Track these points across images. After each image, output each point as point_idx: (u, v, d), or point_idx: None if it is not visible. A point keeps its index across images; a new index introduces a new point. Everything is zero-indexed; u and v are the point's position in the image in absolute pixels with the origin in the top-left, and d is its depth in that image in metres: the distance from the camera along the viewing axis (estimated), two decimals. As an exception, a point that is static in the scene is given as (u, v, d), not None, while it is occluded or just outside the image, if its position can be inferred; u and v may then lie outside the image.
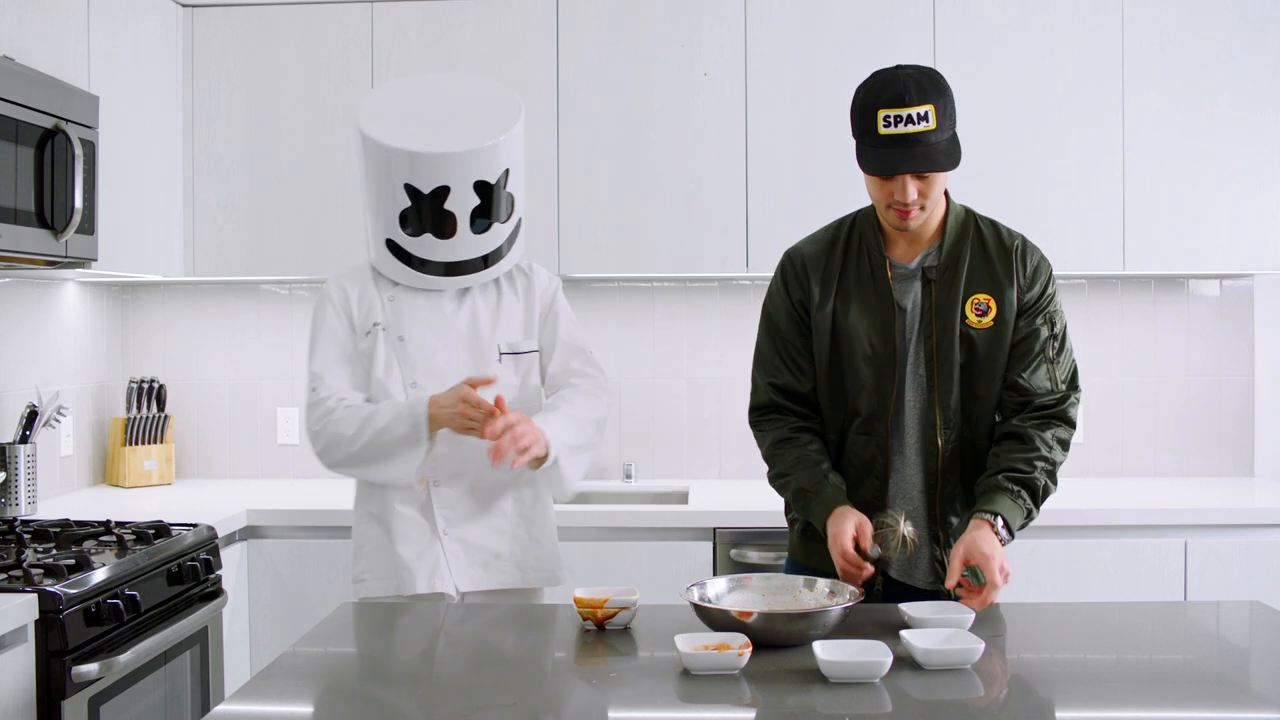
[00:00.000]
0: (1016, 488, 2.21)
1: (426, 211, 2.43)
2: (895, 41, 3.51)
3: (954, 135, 2.21)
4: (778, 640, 1.93)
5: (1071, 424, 2.30)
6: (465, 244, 2.46)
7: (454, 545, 2.49)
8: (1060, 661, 1.98)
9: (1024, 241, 2.35)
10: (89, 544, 2.75)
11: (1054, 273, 2.35)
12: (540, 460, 2.38)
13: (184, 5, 3.64)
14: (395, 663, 2.02)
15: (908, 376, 2.31)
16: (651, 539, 3.26)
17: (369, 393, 2.51)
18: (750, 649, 1.82)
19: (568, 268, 3.59)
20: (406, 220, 2.46)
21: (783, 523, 2.52)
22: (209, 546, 2.93)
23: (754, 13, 3.55)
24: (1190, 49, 3.48)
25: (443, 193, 2.41)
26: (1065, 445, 2.28)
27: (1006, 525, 2.17)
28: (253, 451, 4.00)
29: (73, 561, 2.48)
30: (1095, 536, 3.21)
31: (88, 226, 2.95)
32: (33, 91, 2.76)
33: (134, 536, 2.78)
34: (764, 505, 3.31)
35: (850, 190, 3.50)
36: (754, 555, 3.22)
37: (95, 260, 3.02)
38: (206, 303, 4.01)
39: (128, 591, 2.53)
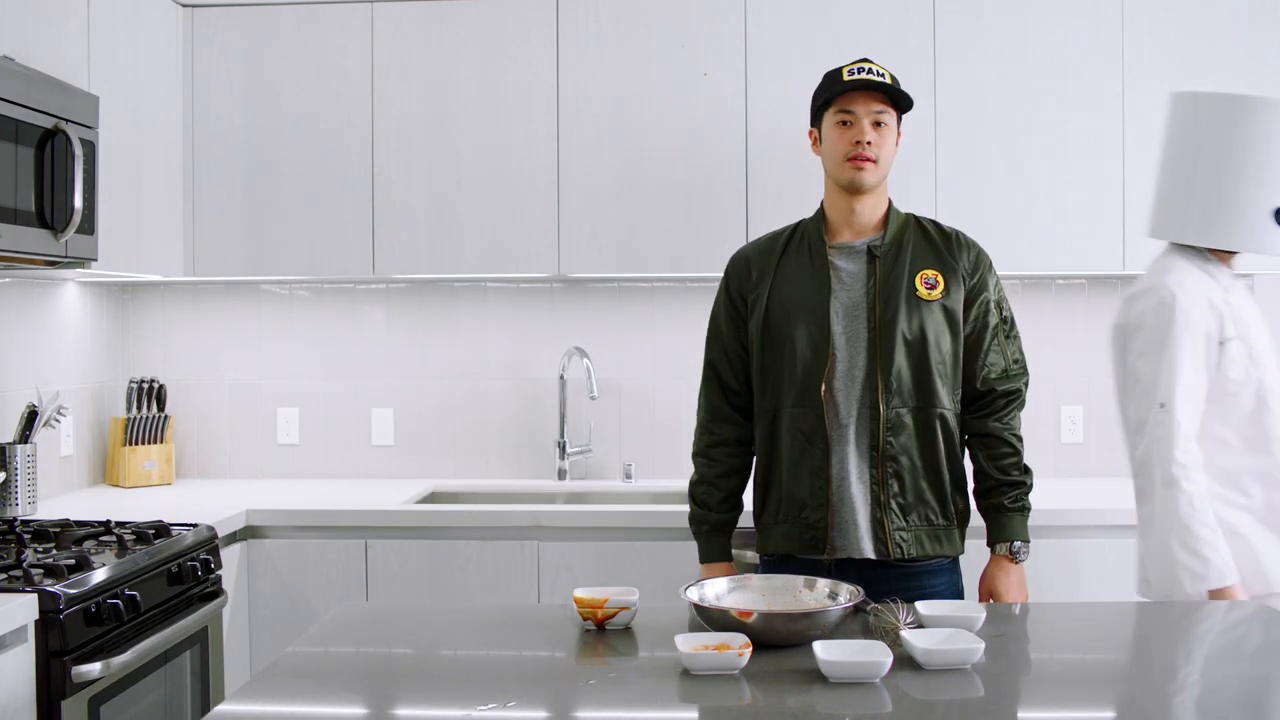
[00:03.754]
0: (1019, 504, 2.50)
1: None
2: (895, 41, 3.51)
3: (909, 105, 2.49)
4: (778, 640, 1.93)
5: (1023, 404, 2.57)
6: None
7: None
8: (1060, 661, 1.98)
9: (961, 232, 2.57)
10: (89, 544, 2.75)
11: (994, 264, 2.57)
12: None
13: (184, 5, 3.64)
14: (395, 663, 2.02)
15: (848, 345, 2.44)
16: (651, 539, 3.26)
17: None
18: (750, 649, 1.82)
19: (568, 268, 3.59)
20: None
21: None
22: (209, 546, 2.94)
23: (754, 13, 3.55)
24: (1190, 49, 3.48)
25: None
26: (1020, 426, 2.55)
27: (1024, 543, 2.50)
28: (253, 451, 4.00)
29: (73, 561, 2.48)
30: (1095, 536, 3.21)
31: (88, 226, 2.95)
32: (33, 91, 2.76)
33: (134, 536, 2.78)
34: (764, 505, 3.31)
35: (850, 190, 3.52)
36: (754, 555, 3.21)
37: (95, 260, 3.02)
38: (206, 303, 4.01)
39: (128, 591, 2.53)
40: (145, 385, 3.82)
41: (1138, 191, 3.48)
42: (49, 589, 2.32)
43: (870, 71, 2.47)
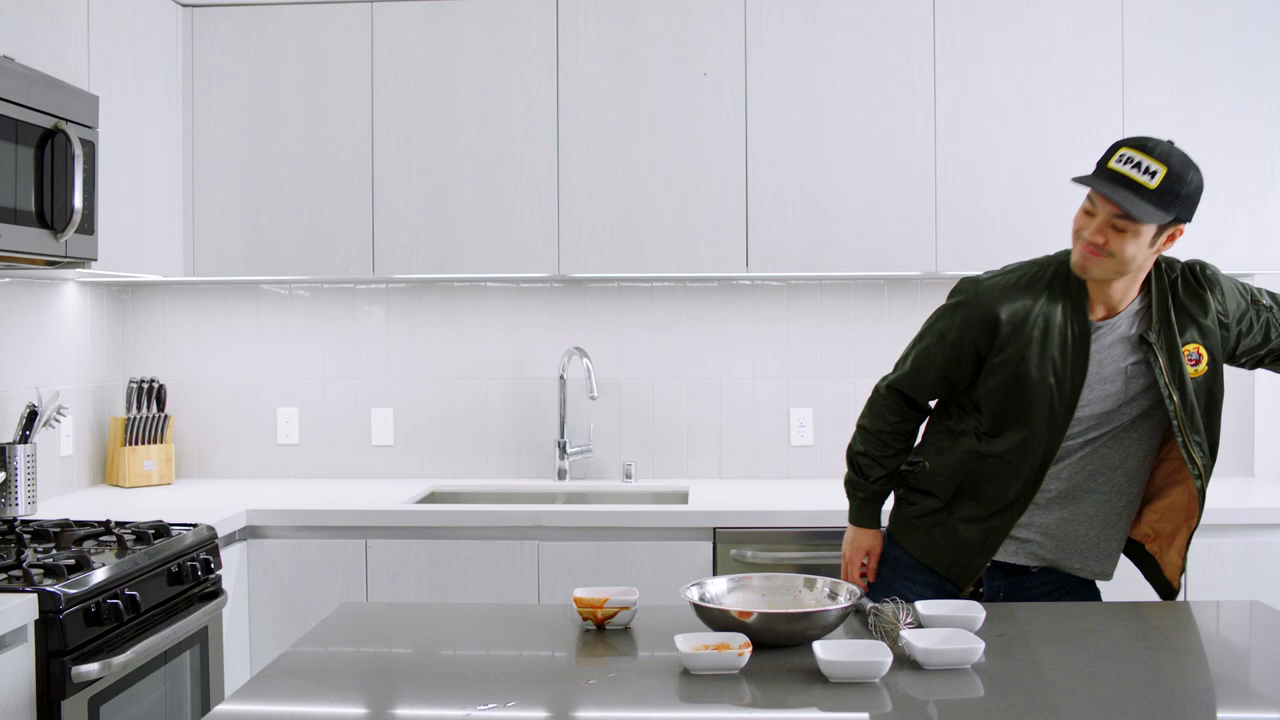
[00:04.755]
0: None
1: None
2: (896, 42, 3.51)
3: (1172, 216, 2.30)
4: (778, 640, 1.93)
5: None
6: None
7: None
8: (1060, 661, 1.98)
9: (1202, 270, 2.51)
10: (89, 544, 2.75)
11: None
12: None
13: (184, 5, 3.64)
14: (395, 663, 2.02)
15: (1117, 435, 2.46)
16: (651, 539, 3.26)
17: None
18: (750, 649, 1.82)
19: (568, 268, 3.59)
20: None
21: (782, 523, 2.54)
22: (209, 546, 2.94)
23: (754, 13, 3.55)
24: (1190, 49, 3.48)
25: None
26: None
27: None
28: (253, 451, 4.00)
29: (73, 561, 2.48)
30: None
31: (88, 226, 2.95)
32: (33, 91, 2.76)
33: (134, 536, 2.78)
34: (764, 505, 3.32)
35: (850, 190, 3.53)
36: (754, 555, 3.22)
37: (95, 260, 3.02)
38: (206, 303, 4.01)
39: (128, 591, 2.53)
40: (145, 385, 3.82)
41: (1138, 191, 3.48)
42: (49, 589, 2.32)
43: (1140, 167, 2.29)
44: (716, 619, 1.95)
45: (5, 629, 2.20)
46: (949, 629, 1.90)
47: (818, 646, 1.81)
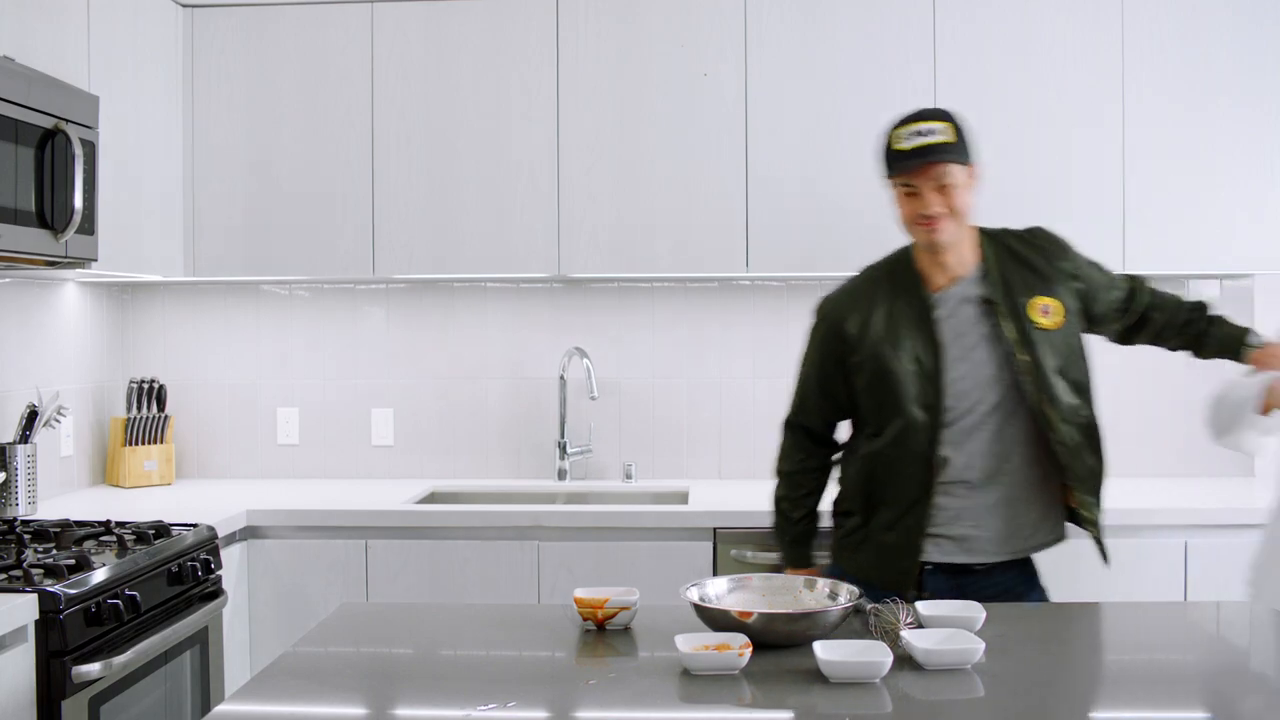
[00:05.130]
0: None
1: None
2: (896, 41, 3.51)
3: (970, 157, 2.50)
4: (778, 640, 1.93)
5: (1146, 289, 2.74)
6: None
7: None
8: (1060, 661, 1.98)
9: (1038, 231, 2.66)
10: (89, 544, 2.75)
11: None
12: None
13: (184, 5, 3.64)
14: (395, 663, 2.02)
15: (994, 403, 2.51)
16: (651, 539, 3.26)
17: None
18: (750, 649, 1.82)
19: (568, 268, 3.59)
20: None
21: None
22: (209, 546, 2.94)
23: (754, 13, 3.55)
24: (1190, 49, 3.48)
25: None
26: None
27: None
28: (253, 451, 4.00)
29: (73, 561, 2.48)
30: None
31: (88, 226, 2.95)
32: (33, 91, 2.76)
33: (134, 536, 2.78)
34: (764, 505, 3.31)
35: (850, 190, 3.52)
36: (754, 555, 3.22)
37: (95, 260, 3.02)
38: (206, 303, 4.01)
39: (128, 591, 2.53)
40: (145, 385, 3.82)
41: (1138, 191, 3.49)
42: (49, 589, 2.32)
43: (927, 133, 2.46)
44: (716, 619, 1.95)
45: (5, 629, 2.20)
46: (949, 629, 1.90)
47: (818, 647, 1.81)
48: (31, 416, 3.27)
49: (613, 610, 2.07)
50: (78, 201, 2.85)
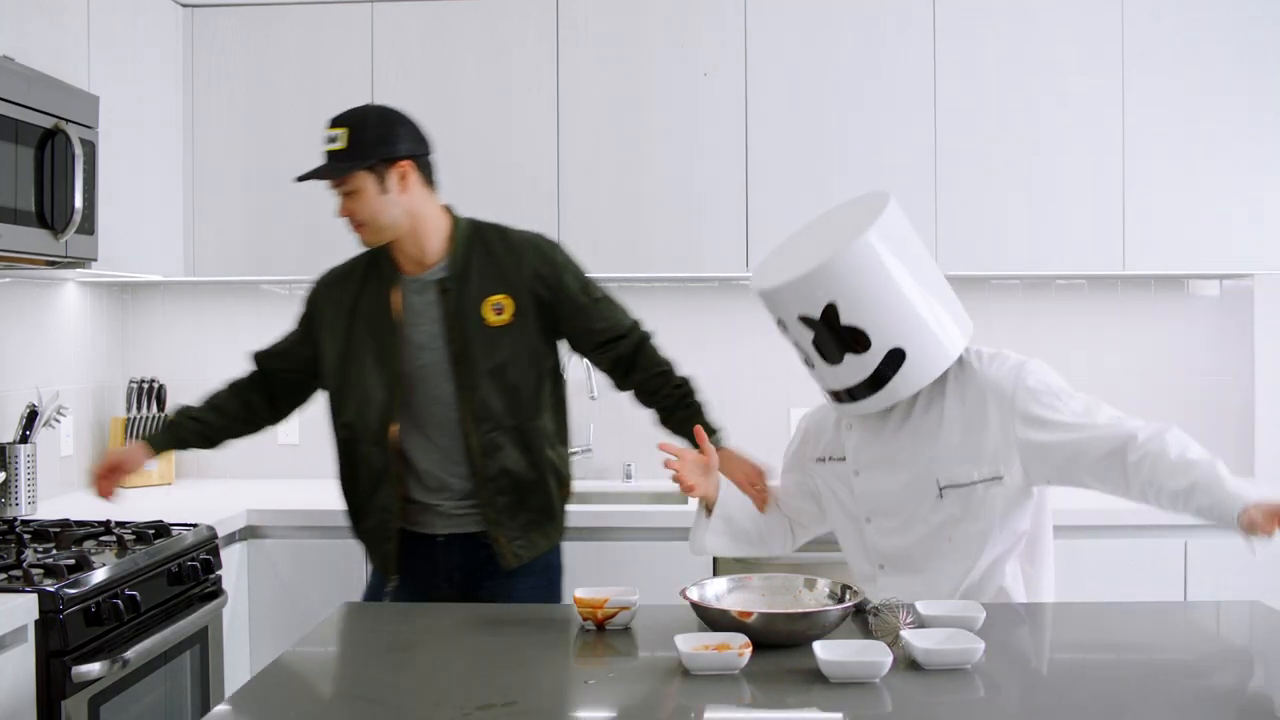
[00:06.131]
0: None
1: (798, 342, 2.38)
2: (895, 41, 3.51)
3: (373, 160, 2.50)
4: (778, 640, 1.93)
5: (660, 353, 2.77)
6: (829, 375, 2.31)
7: None
8: (1060, 661, 1.98)
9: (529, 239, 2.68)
10: (89, 544, 2.75)
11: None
12: None
13: (184, 5, 3.64)
14: (395, 663, 2.02)
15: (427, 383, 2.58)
16: (651, 539, 3.26)
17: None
18: (750, 649, 1.82)
19: (568, 268, 3.59)
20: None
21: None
22: (209, 546, 2.93)
23: (754, 13, 3.55)
24: (1190, 49, 3.48)
25: (783, 325, 2.39)
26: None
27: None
28: (253, 451, 3.98)
29: (73, 561, 2.48)
30: (1095, 536, 3.21)
31: (88, 226, 2.95)
32: (33, 91, 2.76)
33: (134, 536, 2.78)
34: (764, 505, 3.31)
35: (850, 190, 3.51)
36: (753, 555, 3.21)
37: (95, 260, 3.02)
38: (206, 303, 4.01)
39: (128, 591, 2.53)
40: (145, 385, 3.82)
41: (1138, 191, 3.49)
42: (49, 589, 2.32)
43: (329, 140, 2.52)
44: (716, 619, 1.95)
45: (5, 629, 2.20)
46: (949, 629, 1.90)
47: (818, 647, 1.81)
48: (31, 416, 3.27)
49: (613, 610, 2.07)
50: (78, 201, 2.85)
